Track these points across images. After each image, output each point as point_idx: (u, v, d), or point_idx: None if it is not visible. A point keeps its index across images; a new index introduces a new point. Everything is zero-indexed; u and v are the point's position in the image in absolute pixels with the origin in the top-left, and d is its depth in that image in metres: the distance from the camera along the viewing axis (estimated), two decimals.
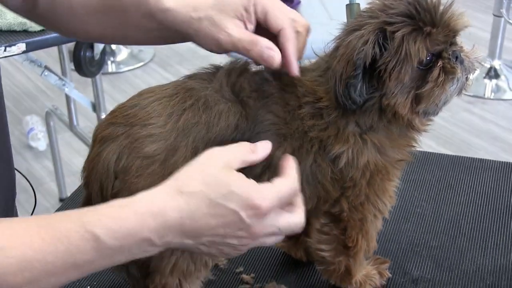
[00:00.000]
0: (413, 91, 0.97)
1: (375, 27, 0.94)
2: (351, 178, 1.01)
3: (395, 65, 0.94)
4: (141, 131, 0.94)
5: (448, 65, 0.97)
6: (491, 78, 3.73)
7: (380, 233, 1.13)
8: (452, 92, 0.99)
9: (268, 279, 1.16)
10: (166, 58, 4.10)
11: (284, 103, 0.98)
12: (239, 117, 0.96)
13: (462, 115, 3.46)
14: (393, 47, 0.94)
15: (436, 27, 0.95)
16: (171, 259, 1.00)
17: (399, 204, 1.33)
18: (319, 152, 0.99)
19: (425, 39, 0.94)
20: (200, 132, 0.95)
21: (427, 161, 1.48)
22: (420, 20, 0.94)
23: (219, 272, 1.18)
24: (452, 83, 0.98)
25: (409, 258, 1.20)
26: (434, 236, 1.26)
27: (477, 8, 4.40)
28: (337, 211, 1.05)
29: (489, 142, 3.25)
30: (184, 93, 0.97)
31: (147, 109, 0.95)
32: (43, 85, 3.70)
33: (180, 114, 0.95)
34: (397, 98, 0.96)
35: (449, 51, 0.97)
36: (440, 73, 0.96)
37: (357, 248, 1.07)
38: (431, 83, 0.96)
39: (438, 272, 1.17)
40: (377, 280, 1.14)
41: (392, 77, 0.95)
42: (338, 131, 0.98)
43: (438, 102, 0.98)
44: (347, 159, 0.99)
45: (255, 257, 1.22)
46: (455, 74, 0.97)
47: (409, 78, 0.95)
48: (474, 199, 1.36)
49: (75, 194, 1.39)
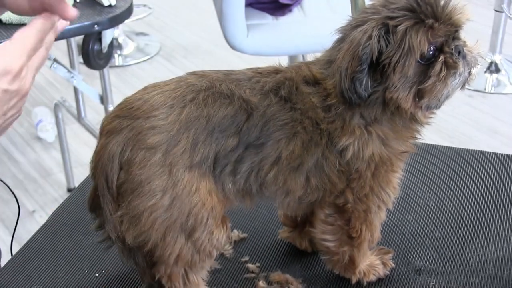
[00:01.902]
0: (415, 86, 0.98)
1: (378, 22, 0.96)
2: (357, 170, 1.03)
3: (399, 58, 0.96)
4: (144, 124, 0.96)
5: (450, 59, 0.98)
6: (492, 72, 3.74)
7: (384, 224, 1.14)
8: (455, 87, 1.00)
9: (273, 269, 1.18)
10: (172, 52, 4.12)
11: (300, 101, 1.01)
12: (237, 109, 0.98)
13: (464, 109, 3.47)
14: (396, 41, 0.95)
15: (438, 20, 0.96)
16: (175, 248, 1.01)
17: (403, 195, 1.35)
18: (327, 144, 1.01)
19: (427, 32, 0.96)
20: (201, 124, 0.97)
21: (430, 153, 1.49)
22: (421, 13, 0.96)
23: (225, 261, 1.20)
24: (454, 78, 0.99)
25: (412, 249, 1.22)
26: (437, 227, 1.27)
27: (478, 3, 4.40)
28: (342, 202, 1.07)
29: (490, 135, 3.25)
30: (186, 87, 0.99)
31: (150, 102, 0.98)
32: (52, 78, 3.72)
33: (182, 107, 0.97)
34: (400, 92, 0.98)
35: (451, 46, 0.98)
36: (442, 67, 0.98)
37: (361, 238, 1.09)
38: (433, 78, 0.97)
39: (440, 262, 1.19)
40: (381, 270, 1.16)
41: (396, 70, 0.96)
42: (344, 123, 1.00)
43: (440, 96, 0.99)
44: (354, 151, 1.01)
45: (260, 247, 1.24)
46: (457, 68, 0.98)
47: (412, 71, 0.97)
48: (476, 191, 1.37)
49: (83, 185, 1.41)
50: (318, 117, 1.00)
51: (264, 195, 1.05)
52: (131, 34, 4.32)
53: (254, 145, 0.99)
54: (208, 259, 1.06)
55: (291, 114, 1.00)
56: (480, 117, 3.41)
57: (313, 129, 1.00)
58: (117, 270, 1.18)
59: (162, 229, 0.99)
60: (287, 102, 1.01)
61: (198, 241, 1.02)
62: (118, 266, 1.18)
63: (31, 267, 1.20)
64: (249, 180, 1.01)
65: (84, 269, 1.19)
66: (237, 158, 0.99)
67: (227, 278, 1.17)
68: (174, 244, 1.01)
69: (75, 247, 1.24)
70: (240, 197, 1.05)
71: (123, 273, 1.17)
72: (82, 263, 1.20)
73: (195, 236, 1.01)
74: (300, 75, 1.03)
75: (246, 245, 1.24)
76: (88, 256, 1.22)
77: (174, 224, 0.99)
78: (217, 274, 1.17)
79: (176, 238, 1.00)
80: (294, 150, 1.00)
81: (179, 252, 1.02)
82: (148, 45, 4.23)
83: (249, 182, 1.02)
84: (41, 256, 1.22)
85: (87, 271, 1.18)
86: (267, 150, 1.00)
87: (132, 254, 1.07)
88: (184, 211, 0.99)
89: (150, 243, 1.01)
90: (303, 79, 1.02)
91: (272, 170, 1.01)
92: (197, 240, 1.02)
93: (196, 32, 4.36)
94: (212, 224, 1.01)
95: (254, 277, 1.17)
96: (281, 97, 1.01)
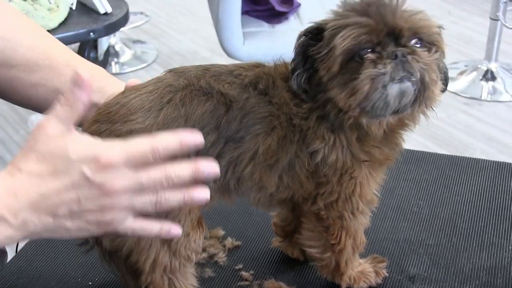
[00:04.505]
0: (349, 84, 0.95)
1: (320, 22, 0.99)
2: (325, 174, 1.03)
3: (325, 54, 0.97)
4: (122, 128, 0.96)
5: (379, 59, 0.94)
6: (487, 80, 3.76)
7: (377, 231, 1.14)
8: (389, 92, 0.94)
9: (267, 276, 1.18)
10: (169, 59, 4.13)
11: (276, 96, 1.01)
12: (215, 104, 0.98)
13: (459, 116, 3.48)
14: (326, 38, 0.97)
15: (384, 23, 0.94)
16: (150, 253, 1.01)
17: (396, 202, 1.35)
18: (298, 142, 1.01)
19: (362, 30, 0.94)
20: (180, 124, 0.97)
21: (424, 160, 1.49)
22: (366, 14, 0.95)
23: (219, 269, 1.20)
24: (383, 80, 0.93)
25: (406, 256, 1.22)
26: (431, 235, 1.27)
27: (474, 11, 4.42)
28: (316, 209, 1.07)
29: (486, 143, 3.26)
30: (163, 88, 0.99)
31: (127, 106, 0.98)
32: None
33: (159, 110, 0.97)
34: (335, 90, 0.97)
35: (388, 49, 0.94)
36: (370, 66, 0.94)
37: (341, 245, 1.08)
38: (362, 76, 0.94)
39: (434, 269, 1.19)
40: (372, 278, 1.15)
41: (322, 66, 0.97)
42: (315, 123, 1.00)
43: (372, 98, 0.94)
44: (323, 155, 1.01)
45: (254, 255, 1.23)
46: (383, 68, 0.93)
47: (339, 68, 0.95)
48: (470, 198, 1.37)
49: None
50: (291, 112, 1.01)
51: (241, 190, 1.05)
52: (128, 42, 4.33)
53: (233, 139, 0.99)
54: (188, 263, 1.05)
55: (269, 108, 1.00)
56: (476, 124, 3.42)
57: (287, 125, 1.00)
58: (109, 278, 1.18)
59: None
60: (265, 96, 1.01)
61: (174, 244, 1.01)
62: (111, 274, 1.18)
63: (24, 276, 1.19)
64: (227, 176, 1.01)
65: (77, 277, 1.19)
66: (217, 153, 0.99)
67: (221, 286, 1.16)
68: (149, 248, 1.00)
69: (68, 255, 1.24)
70: (219, 193, 1.04)
71: (116, 282, 1.17)
72: (75, 271, 1.20)
73: (170, 239, 1.00)
74: (277, 70, 1.04)
75: (240, 252, 1.24)
76: (81, 264, 1.21)
77: None
78: (210, 282, 1.17)
79: (150, 242, 1.00)
80: (270, 145, 1.00)
81: (155, 256, 1.01)
82: (145, 53, 4.24)
83: (227, 177, 1.01)
84: (34, 264, 1.22)
85: (80, 279, 1.18)
86: (245, 144, 1.00)
87: (112, 259, 1.07)
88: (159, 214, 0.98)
89: (125, 248, 1.00)
90: (280, 74, 1.03)
91: (249, 165, 1.01)
92: (173, 243, 1.01)
93: (193, 39, 4.38)
94: (189, 226, 1.01)
95: (248, 284, 1.16)
96: (259, 91, 1.01)
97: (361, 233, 1.11)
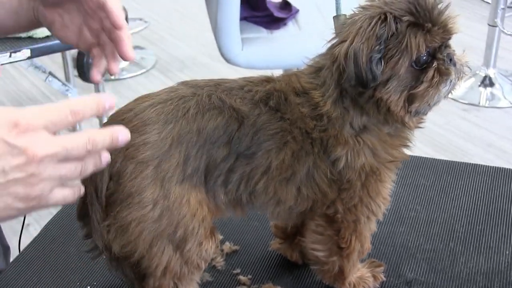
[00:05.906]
0: (406, 91, 0.98)
1: (381, 11, 0.96)
2: (348, 180, 1.03)
3: (394, 53, 0.96)
4: (136, 138, 0.97)
5: (443, 66, 0.99)
6: (486, 86, 3.77)
7: (375, 236, 1.14)
8: (445, 93, 1.01)
9: (265, 281, 1.18)
10: (168, 65, 4.13)
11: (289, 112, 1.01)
12: (227, 119, 0.99)
13: (458, 122, 3.48)
14: (397, 34, 0.96)
15: (434, 25, 0.97)
16: (162, 260, 1.02)
17: (394, 207, 1.36)
18: (319, 153, 1.02)
19: (425, 35, 0.96)
20: (193, 138, 0.98)
21: (422, 166, 1.50)
22: (420, 17, 0.96)
23: (217, 273, 1.20)
24: (445, 84, 1.00)
25: (403, 261, 1.22)
26: (428, 239, 1.28)
27: (472, 18, 4.44)
28: (332, 213, 1.07)
29: (484, 149, 3.27)
30: (178, 100, 1.00)
31: (141, 116, 0.98)
32: (47, 91, 3.73)
33: (174, 123, 0.98)
34: (391, 95, 0.98)
35: (444, 53, 0.99)
36: (435, 73, 0.98)
37: (350, 249, 1.09)
38: (426, 83, 0.98)
39: (431, 274, 1.19)
40: (371, 283, 1.16)
41: (388, 64, 0.96)
42: (338, 132, 1.01)
43: (430, 102, 1.00)
44: (346, 161, 1.02)
45: (252, 259, 1.24)
46: (449, 75, 0.99)
47: (404, 72, 0.97)
48: (467, 203, 1.38)
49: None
50: (308, 126, 1.01)
51: (254, 204, 1.06)
52: None
53: (245, 155, 1.00)
54: (196, 271, 1.06)
55: (281, 124, 1.01)
56: (474, 130, 3.43)
57: (303, 138, 1.01)
58: (108, 282, 1.19)
59: (148, 239, 0.99)
60: (277, 112, 1.01)
61: (187, 252, 1.02)
62: (109, 278, 1.19)
63: (23, 280, 1.20)
64: (239, 190, 1.02)
65: (76, 281, 1.19)
66: (228, 168, 1.00)
67: None
68: (161, 255, 1.01)
69: (67, 259, 1.24)
70: (231, 207, 1.05)
71: (114, 286, 1.18)
72: (74, 275, 1.20)
73: (184, 247, 1.01)
74: (290, 85, 1.04)
75: (238, 257, 1.24)
76: (79, 268, 1.22)
77: (161, 234, 0.99)
78: (208, 286, 1.17)
79: (163, 249, 1.00)
80: (284, 159, 1.01)
81: (166, 263, 1.02)
82: (144, 59, 4.24)
83: (239, 191, 1.02)
84: (33, 268, 1.22)
85: (78, 283, 1.18)
86: (257, 160, 1.00)
87: (120, 264, 1.08)
88: (173, 222, 0.99)
89: (137, 254, 1.01)
90: (292, 90, 1.03)
91: (262, 179, 1.01)
92: (186, 251, 1.02)
93: (191, 45, 4.38)
94: (202, 235, 1.02)
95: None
96: (270, 107, 1.01)
97: (369, 239, 1.12)
